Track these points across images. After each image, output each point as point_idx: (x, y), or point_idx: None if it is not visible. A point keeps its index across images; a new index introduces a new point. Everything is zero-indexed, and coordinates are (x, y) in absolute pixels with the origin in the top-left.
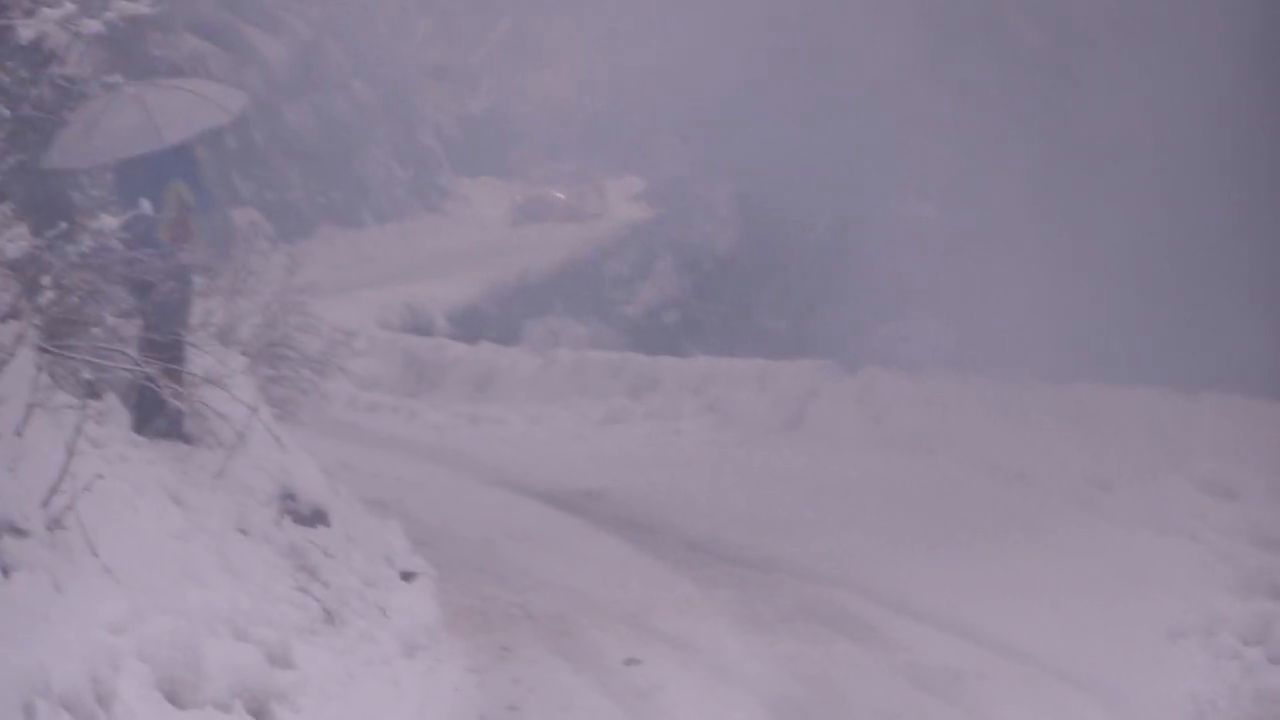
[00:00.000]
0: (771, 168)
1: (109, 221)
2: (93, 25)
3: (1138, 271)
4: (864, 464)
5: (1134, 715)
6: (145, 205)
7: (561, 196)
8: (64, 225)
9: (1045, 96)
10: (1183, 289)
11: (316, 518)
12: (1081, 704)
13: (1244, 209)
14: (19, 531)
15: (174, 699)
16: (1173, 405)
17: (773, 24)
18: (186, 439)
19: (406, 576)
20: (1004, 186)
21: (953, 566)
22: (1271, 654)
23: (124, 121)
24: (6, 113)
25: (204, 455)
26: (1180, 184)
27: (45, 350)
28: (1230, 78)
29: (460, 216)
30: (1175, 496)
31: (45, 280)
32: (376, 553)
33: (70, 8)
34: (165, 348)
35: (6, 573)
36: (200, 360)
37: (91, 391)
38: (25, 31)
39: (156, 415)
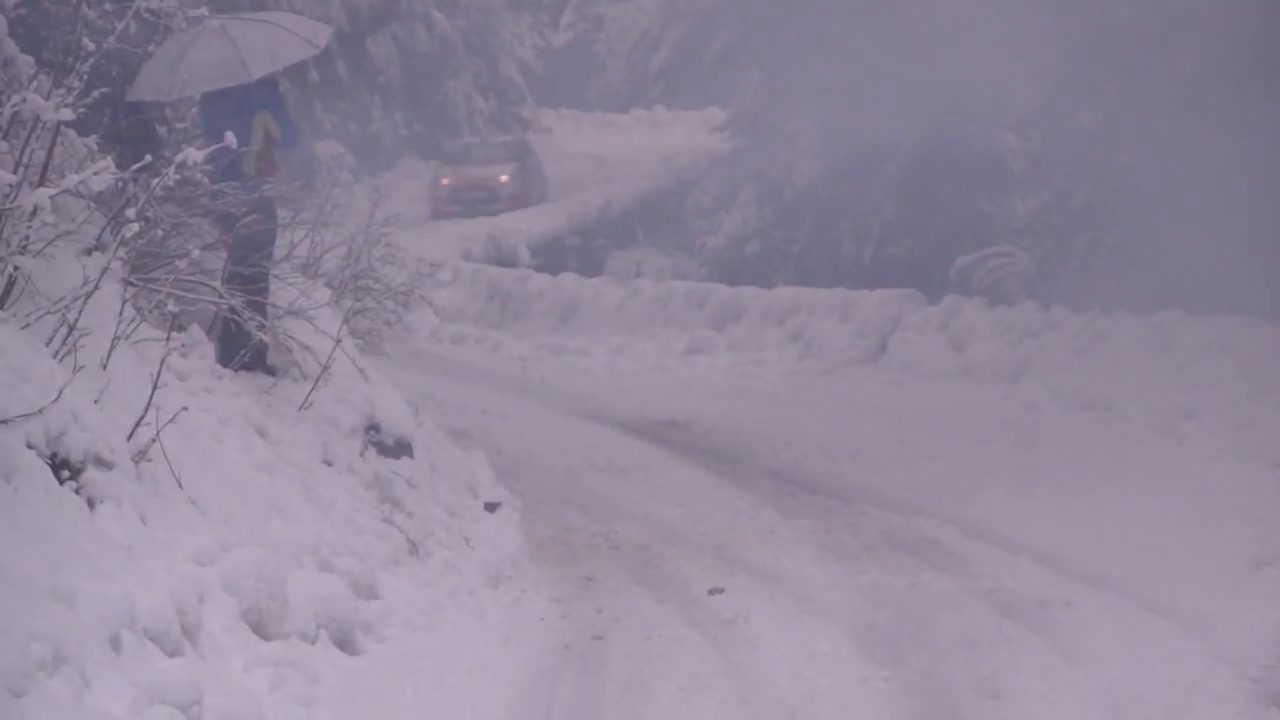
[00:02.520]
0: (852, 98)
1: (194, 155)
2: None
3: (1223, 200)
4: (947, 393)
5: (1220, 643)
6: (230, 138)
7: (505, 179)
8: (149, 158)
9: (1132, 26)
10: (1268, 215)
11: (400, 449)
12: (1167, 632)
13: None
14: (105, 464)
15: (259, 630)
16: (1257, 334)
17: None
18: (270, 371)
19: (490, 507)
20: (1088, 115)
21: (1036, 495)
22: None
23: (210, 55)
24: (91, 46)
25: (288, 387)
26: (1266, 110)
27: (130, 283)
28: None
29: (542, 148)
30: (1259, 425)
31: (130, 213)
32: (460, 483)
33: None
34: (249, 280)
35: (92, 505)
36: (284, 293)
37: (176, 324)
38: None
39: (241, 348)
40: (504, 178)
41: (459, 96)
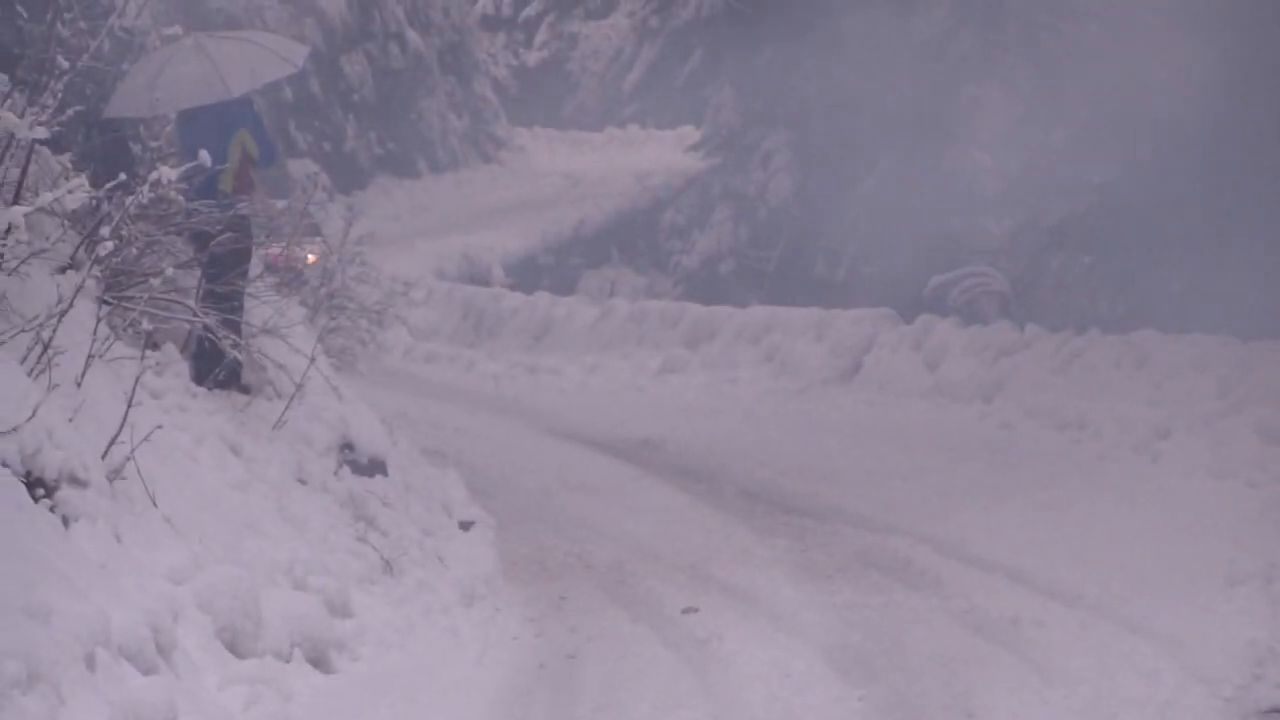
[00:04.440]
0: (826, 117)
1: (168, 173)
2: None
3: (1196, 217)
4: (921, 412)
5: (1193, 662)
6: (204, 156)
7: (311, 258)
8: (123, 176)
9: (1098, 44)
10: (1242, 235)
11: (375, 467)
12: (1141, 650)
13: None
14: (79, 482)
15: (234, 648)
16: (1232, 352)
17: None
18: (245, 389)
19: (465, 526)
20: (1061, 134)
21: (1011, 514)
22: None
23: (189, 71)
24: (65, 64)
25: (262, 406)
26: (1237, 129)
27: (104, 301)
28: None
29: (516, 167)
30: (1234, 443)
31: (104, 231)
32: (435, 502)
33: None
34: (224, 298)
35: (67, 523)
36: (258, 311)
37: (150, 342)
38: None
39: (215, 366)
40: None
41: (433, 115)
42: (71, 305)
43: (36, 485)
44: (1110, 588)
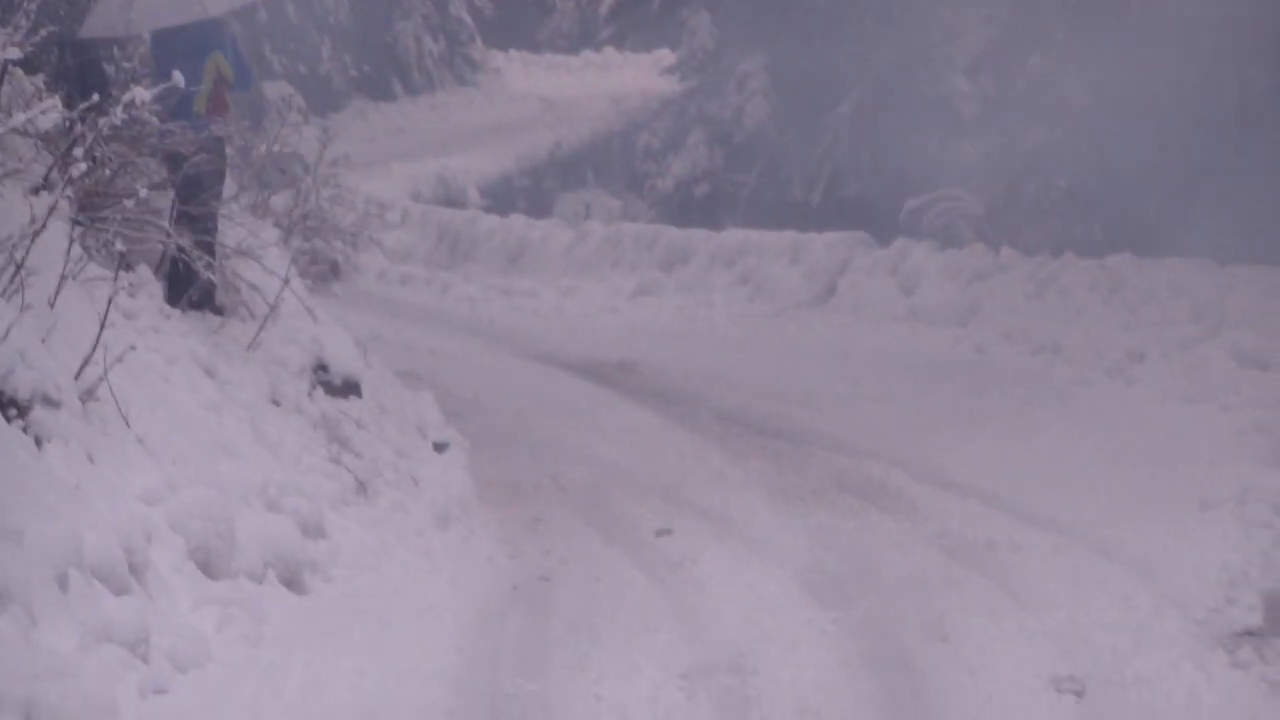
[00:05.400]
0: (802, 40)
1: (141, 94)
2: None
3: (1172, 142)
4: (896, 336)
5: (1167, 585)
6: (178, 77)
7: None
8: (97, 97)
9: None
10: (1219, 159)
11: (349, 389)
12: (1114, 574)
13: None
14: (52, 403)
15: (207, 569)
16: (1207, 277)
17: None
18: (219, 311)
19: (439, 448)
20: (1038, 59)
21: (985, 438)
22: None
23: None
24: None
25: (236, 327)
26: (1213, 52)
27: (78, 222)
28: None
29: (492, 90)
30: (1208, 367)
31: (78, 152)
32: (409, 424)
33: None
34: (198, 220)
35: (39, 444)
36: (233, 232)
37: (124, 263)
38: None
39: (189, 287)
40: None
41: (409, 38)
42: (45, 226)
43: (9, 406)
44: (1084, 511)
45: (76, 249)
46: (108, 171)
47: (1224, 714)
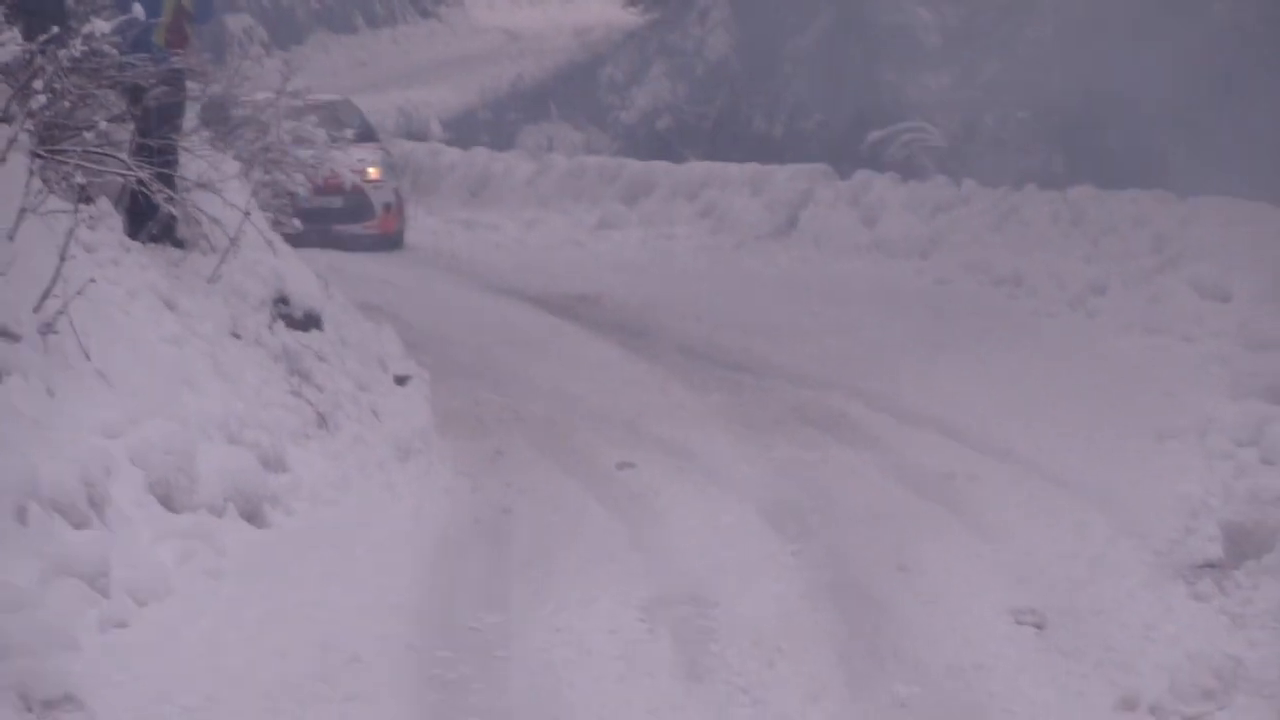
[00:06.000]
0: None
1: (101, 26)
2: None
3: (1133, 73)
4: (857, 268)
5: (1125, 516)
6: (138, 9)
7: (374, 172)
8: (56, 29)
9: None
10: (1181, 91)
11: (309, 321)
12: (1072, 504)
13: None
14: (11, 336)
15: (167, 502)
16: (1169, 208)
17: None
18: (179, 244)
19: (400, 380)
20: None
21: (945, 370)
22: (1264, 454)
23: None
24: None
25: (197, 260)
26: None
27: (37, 155)
28: None
29: (455, 23)
30: (1169, 299)
31: (37, 85)
32: (370, 357)
33: None
34: (158, 153)
35: None
36: (193, 165)
37: (84, 196)
38: None
39: (149, 220)
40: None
41: None
42: (4, 159)
43: None
44: (1043, 443)
45: (36, 182)
46: (67, 104)
47: (1183, 646)
